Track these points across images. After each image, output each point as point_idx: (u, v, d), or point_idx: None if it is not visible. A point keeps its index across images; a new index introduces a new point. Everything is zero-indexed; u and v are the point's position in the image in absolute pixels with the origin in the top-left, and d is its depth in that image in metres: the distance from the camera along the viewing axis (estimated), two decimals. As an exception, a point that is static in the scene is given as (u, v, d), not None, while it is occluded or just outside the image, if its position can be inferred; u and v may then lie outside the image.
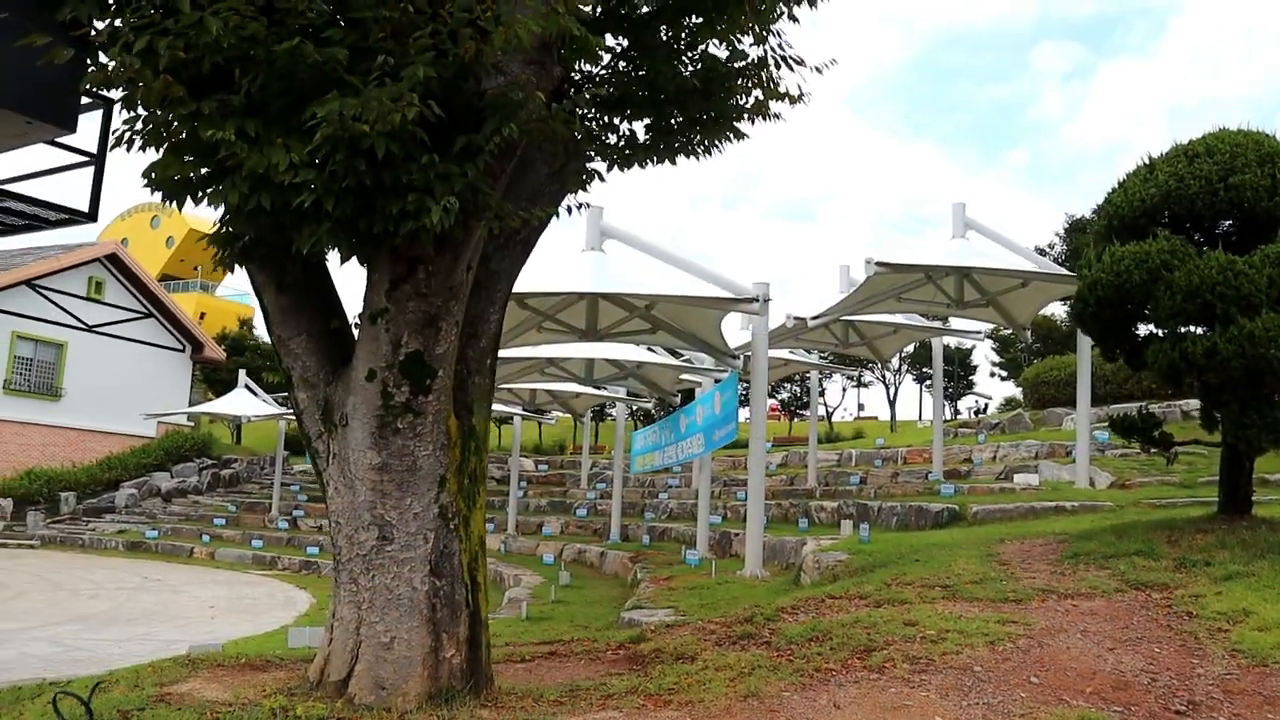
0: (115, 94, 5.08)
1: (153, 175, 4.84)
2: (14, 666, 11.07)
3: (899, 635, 6.14)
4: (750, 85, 6.85)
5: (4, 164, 6.91)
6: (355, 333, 5.50)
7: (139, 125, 4.59)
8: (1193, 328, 8.97)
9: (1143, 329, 10.19)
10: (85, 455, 31.30)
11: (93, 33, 4.70)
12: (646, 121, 6.82)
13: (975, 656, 5.77)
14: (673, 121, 6.80)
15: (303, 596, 19.29)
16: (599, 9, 5.85)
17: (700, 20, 6.12)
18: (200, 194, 4.79)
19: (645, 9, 5.90)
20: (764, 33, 6.62)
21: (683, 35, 6.47)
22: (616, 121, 6.70)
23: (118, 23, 4.43)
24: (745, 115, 7.01)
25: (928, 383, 41.62)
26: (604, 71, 6.31)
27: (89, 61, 4.92)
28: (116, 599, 17.91)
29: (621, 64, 6.56)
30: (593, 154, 6.46)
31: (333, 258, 5.25)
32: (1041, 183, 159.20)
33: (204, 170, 4.77)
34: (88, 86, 4.87)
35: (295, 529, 26.80)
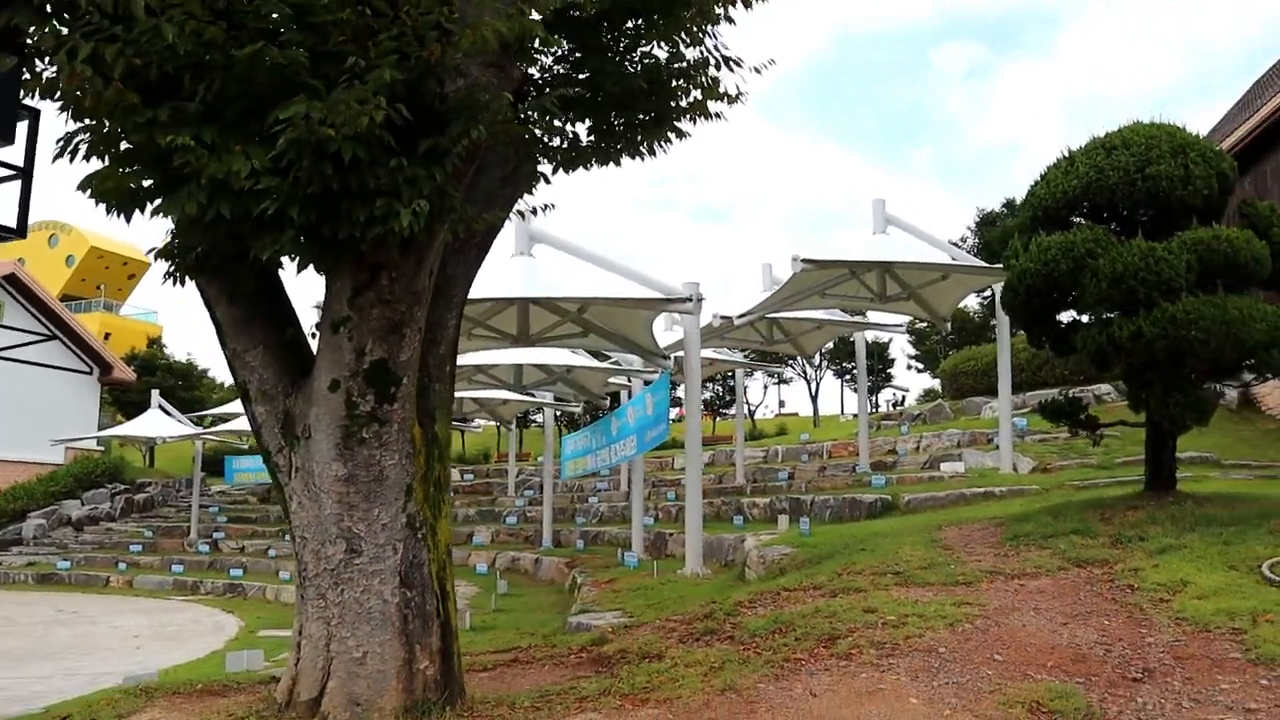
0: (49, 104, 4.90)
1: (93, 186, 4.67)
2: (-72, 709, 10.58)
3: (860, 622, 6.24)
4: (690, 86, 6.92)
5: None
6: (312, 343, 5.38)
7: (85, 135, 4.42)
8: (1116, 313, 9.30)
9: (1065, 316, 10.56)
10: (-13, 486, 29.97)
11: (29, 41, 4.51)
12: (588, 124, 6.83)
13: (938, 639, 5.90)
14: (616, 123, 6.82)
15: (230, 621, 18.75)
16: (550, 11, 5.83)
17: (642, 21, 6.13)
18: (150, 205, 4.63)
19: (593, 9, 5.89)
20: (701, 34, 6.69)
21: (624, 37, 6.50)
22: (559, 124, 6.70)
23: (63, 31, 4.26)
24: (686, 115, 7.07)
25: (848, 377, 42.40)
26: (549, 75, 6.29)
27: (25, 71, 4.71)
28: (31, 634, 17.21)
29: (561, 68, 6.56)
30: (538, 157, 6.43)
31: (288, 267, 5.13)
32: (947, 179, 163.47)
33: (150, 181, 4.62)
34: (22, 97, 4.67)
35: (217, 551, 26.06)
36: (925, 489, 15.56)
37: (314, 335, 5.43)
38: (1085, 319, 9.77)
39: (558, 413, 29.58)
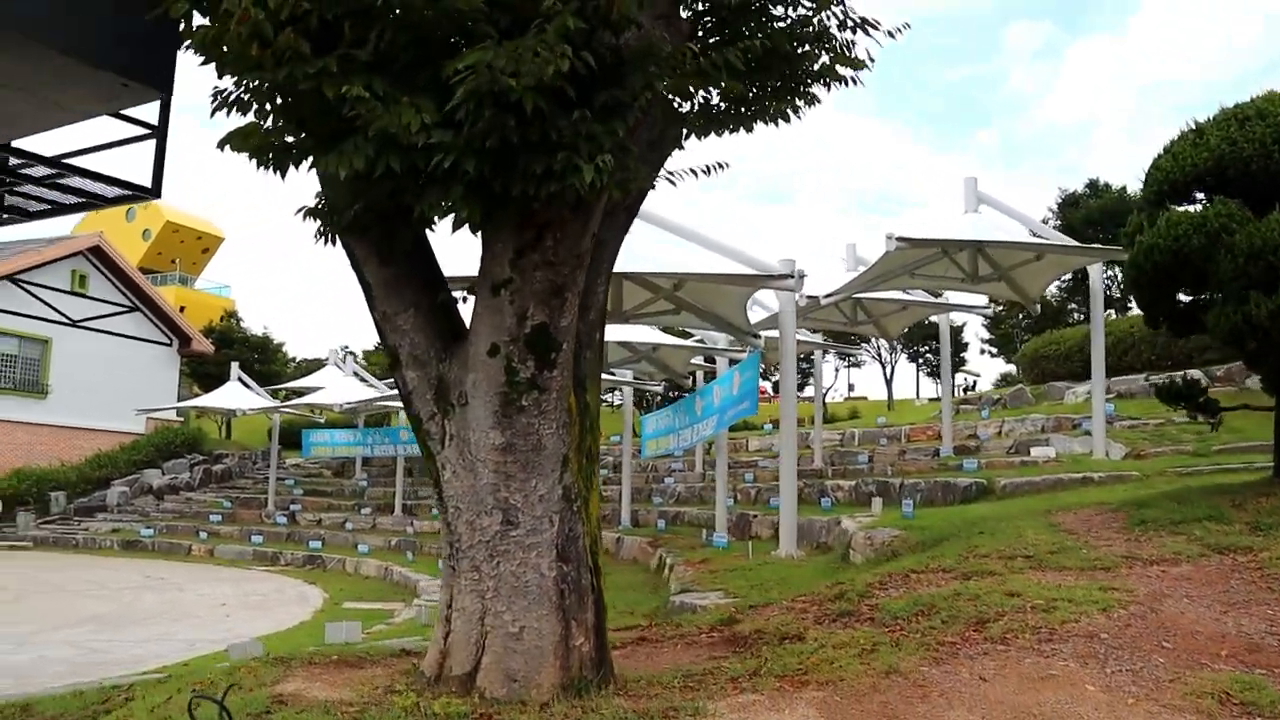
0: (194, 63, 4.79)
1: (237, 142, 4.57)
2: (36, 670, 10.79)
3: (1007, 606, 6.02)
4: (821, 49, 6.70)
5: (52, 140, 6.58)
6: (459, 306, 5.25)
7: (247, 86, 4.28)
8: (1254, 291, 8.89)
9: (1185, 296, 10.16)
10: (73, 453, 30.67)
11: None
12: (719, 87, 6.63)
13: (1095, 625, 5.66)
14: (750, 87, 6.61)
15: (313, 592, 18.99)
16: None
17: None
18: (305, 160, 4.51)
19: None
20: None
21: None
22: (692, 89, 6.51)
23: None
24: (820, 79, 6.85)
25: (921, 361, 41.80)
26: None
27: (183, 21, 4.61)
28: (122, 599, 17.57)
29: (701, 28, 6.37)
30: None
31: (436, 229, 4.99)
32: (1014, 160, 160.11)
33: (305, 136, 4.49)
34: (186, 46, 4.55)
35: (294, 523, 26.43)
36: (1018, 473, 15.18)
37: (463, 299, 5.29)
38: (1217, 297, 9.35)
39: (643, 392, 29.43)
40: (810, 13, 6.51)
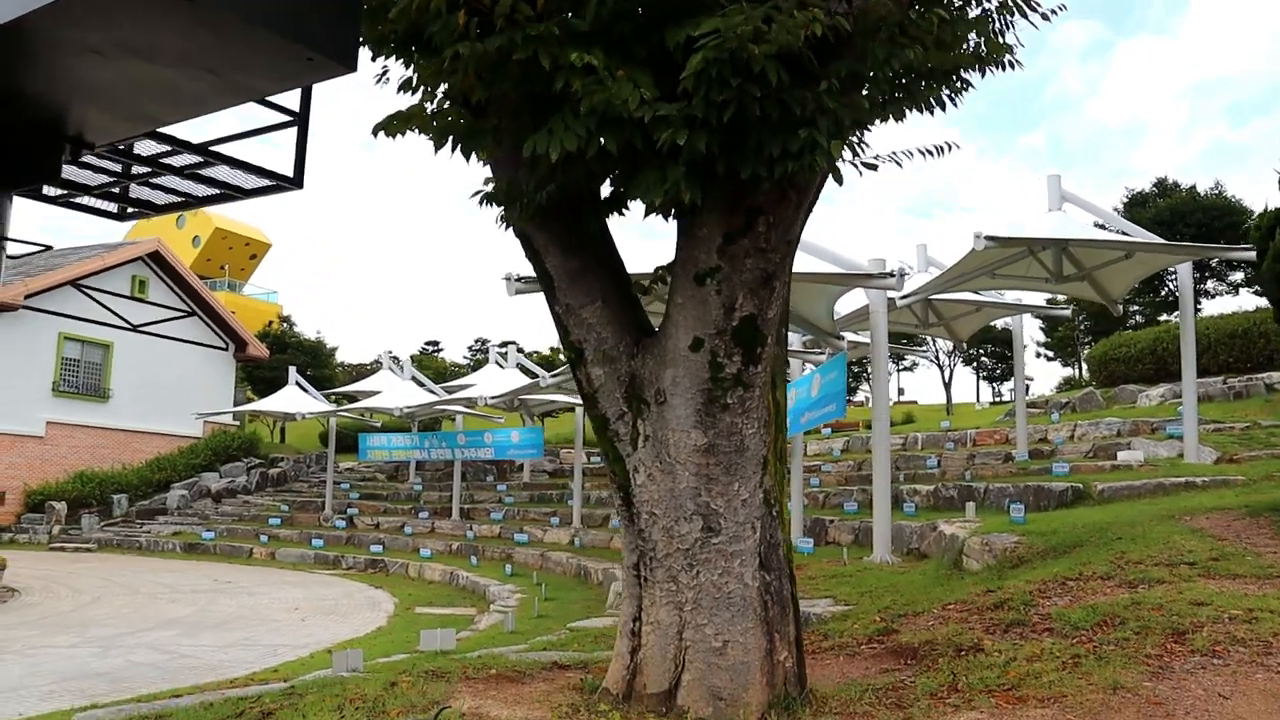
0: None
1: (405, 123, 4.34)
2: (127, 675, 10.71)
3: (1202, 617, 5.68)
4: (977, 33, 6.40)
5: (189, 128, 6.34)
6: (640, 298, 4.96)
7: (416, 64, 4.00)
8: None
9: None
10: (134, 456, 30.86)
11: None
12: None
13: (1308, 638, 5.31)
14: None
15: (382, 596, 18.87)
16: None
17: None
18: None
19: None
20: None
21: None
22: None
23: None
24: (974, 66, 6.54)
25: (976, 364, 41.17)
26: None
27: None
28: (196, 602, 17.53)
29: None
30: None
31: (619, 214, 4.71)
32: (1063, 163, 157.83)
33: (471, 116, 4.21)
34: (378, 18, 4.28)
35: (352, 527, 26.37)
36: (1114, 478, 14.72)
37: (645, 287, 4.99)
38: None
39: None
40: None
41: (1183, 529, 8.61)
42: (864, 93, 4.08)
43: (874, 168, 4.64)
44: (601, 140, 3.94)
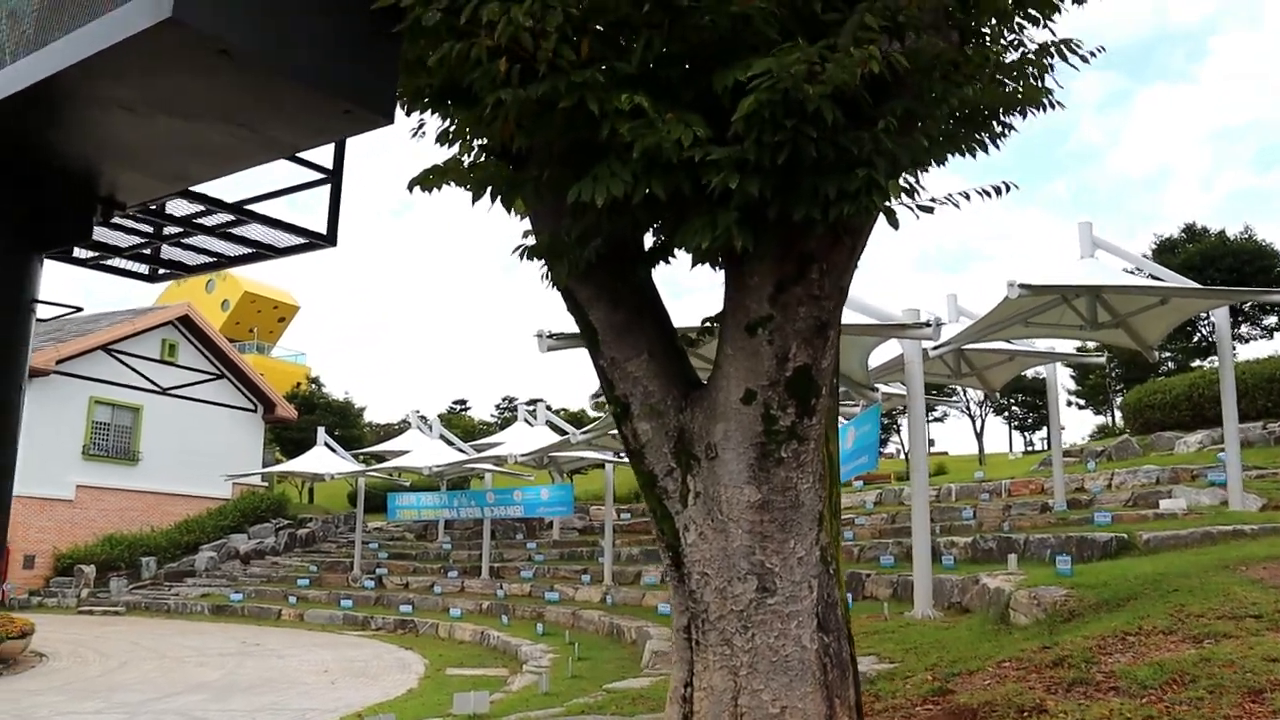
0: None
1: (440, 177, 4.29)
2: (157, 741, 10.54)
3: (1278, 674, 5.42)
4: (1019, 76, 6.33)
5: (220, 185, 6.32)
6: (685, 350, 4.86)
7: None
8: None
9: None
10: (163, 518, 30.92)
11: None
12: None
13: (1391, 694, 5.07)
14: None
15: (412, 657, 18.62)
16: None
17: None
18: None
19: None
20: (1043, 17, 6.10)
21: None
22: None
23: None
24: (1015, 109, 6.46)
25: (1006, 414, 40.73)
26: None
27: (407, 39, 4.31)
28: (225, 665, 17.36)
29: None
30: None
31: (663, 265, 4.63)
32: (1087, 212, 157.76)
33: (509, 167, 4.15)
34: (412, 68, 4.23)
35: (382, 587, 26.17)
36: (1158, 527, 14.37)
37: (693, 340, 4.89)
38: None
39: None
40: (1009, 42, 6.16)
41: (1241, 579, 8.34)
42: (919, 131, 3.98)
43: (930, 210, 4.53)
44: (649, 187, 3.86)
